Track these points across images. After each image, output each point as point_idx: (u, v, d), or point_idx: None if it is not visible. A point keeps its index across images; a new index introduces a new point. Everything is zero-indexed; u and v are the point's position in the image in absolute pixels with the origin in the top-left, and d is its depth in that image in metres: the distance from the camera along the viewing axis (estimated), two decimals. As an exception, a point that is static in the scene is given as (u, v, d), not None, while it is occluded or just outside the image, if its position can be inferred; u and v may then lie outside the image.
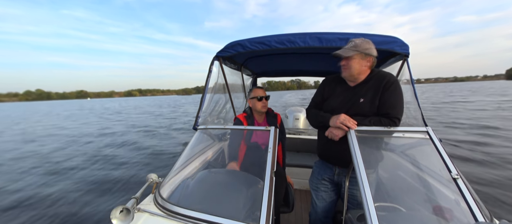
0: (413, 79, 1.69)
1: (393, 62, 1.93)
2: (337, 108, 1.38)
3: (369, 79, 1.36)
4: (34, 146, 9.12)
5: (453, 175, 1.01)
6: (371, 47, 1.33)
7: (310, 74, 3.38)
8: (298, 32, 1.68)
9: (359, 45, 1.32)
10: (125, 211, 1.07)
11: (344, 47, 1.37)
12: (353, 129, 1.23)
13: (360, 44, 1.32)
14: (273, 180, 1.07)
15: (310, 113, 1.54)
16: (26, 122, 20.19)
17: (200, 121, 1.93)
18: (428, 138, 1.18)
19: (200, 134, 1.78)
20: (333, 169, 1.50)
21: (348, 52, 1.32)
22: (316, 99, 1.55)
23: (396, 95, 1.29)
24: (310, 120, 1.54)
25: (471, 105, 17.13)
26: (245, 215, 1.05)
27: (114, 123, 16.05)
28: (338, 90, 1.44)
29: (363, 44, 1.32)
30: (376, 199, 0.96)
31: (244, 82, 3.00)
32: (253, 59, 2.63)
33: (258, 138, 1.77)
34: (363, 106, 1.32)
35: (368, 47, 1.32)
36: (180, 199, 1.25)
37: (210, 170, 1.61)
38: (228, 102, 2.51)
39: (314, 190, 1.62)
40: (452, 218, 0.98)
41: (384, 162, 1.29)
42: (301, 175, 2.96)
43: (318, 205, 1.60)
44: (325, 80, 1.56)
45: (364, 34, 1.54)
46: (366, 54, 1.31)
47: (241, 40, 1.83)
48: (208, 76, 1.99)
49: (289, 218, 2.47)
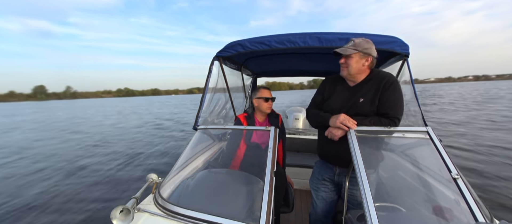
0: (413, 79, 1.70)
1: (393, 62, 1.93)
2: (337, 108, 1.38)
3: (368, 79, 1.36)
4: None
5: (453, 175, 1.01)
6: (371, 47, 1.33)
7: (310, 74, 3.37)
8: (298, 32, 1.69)
9: (359, 44, 1.32)
10: (125, 211, 1.07)
11: (344, 46, 1.37)
12: (353, 128, 1.23)
13: (360, 43, 1.32)
14: (273, 180, 1.07)
15: (310, 113, 1.54)
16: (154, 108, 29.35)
17: (200, 121, 1.93)
18: (428, 137, 1.18)
19: (200, 134, 1.77)
20: (333, 169, 1.50)
21: (347, 51, 1.33)
22: (316, 99, 1.55)
23: (395, 95, 1.29)
24: (310, 120, 1.54)
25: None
26: (245, 215, 1.05)
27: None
28: (338, 90, 1.44)
29: (362, 44, 1.32)
30: (376, 199, 0.96)
31: (244, 82, 3.00)
32: (253, 59, 2.63)
33: (258, 138, 1.77)
34: (363, 106, 1.32)
35: (368, 47, 1.32)
36: (180, 199, 1.25)
37: (210, 170, 1.61)
38: (228, 102, 2.51)
39: (314, 190, 1.62)
40: (452, 218, 0.98)
41: (384, 162, 1.29)
42: (301, 175, 2.96)
43: (318, 205, 1.60)
44: (325, 80, 1.56)
45: (364, 34, 1.54)
46: (365, 54, 1.31)
47: (241, 40, 1.83)
48: (208, 76, 1.99)
49: (289, 218, 2.47)
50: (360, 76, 1.37)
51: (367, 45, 1.32)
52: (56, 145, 9.31)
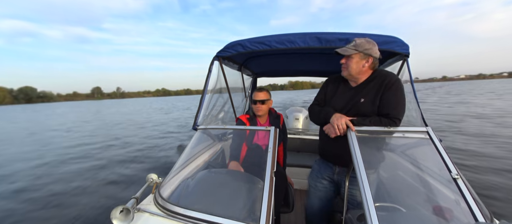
0: (413, 79, 1.70)
1: (393, 62, 1.93)
2: (338, 108, 1.39)
3: (371, 80, 1.35)
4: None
5: (453, 175, 1.01)
6: (373, 48, 1.32)
7: (310, 74, 3.37)
8: (298, 32, 1.69)
9: (360, 45, 1.31)
10: (125, 211, 1.07)
11: (345, 46, 1.37)
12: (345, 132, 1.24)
13: (361, 44, 1.31)
14: (273, 180, 1.07)
15: (312, 110, 1.54)
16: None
17: (199, 121, 1.93)
18: (428, 138, 1.17)
19: (200, 134, 1.77)
20: (333, 168, 1.50)
21: (347, 51, 1.32)
22: (318, 98, 1.56)
23: (397, 96, 1.28)
24: (312, 117, 1.55)
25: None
26: (245, 215, 1.05)
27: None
28: (340, 90, 1.44)
29: (363, 44, 1.31)
30: (376, 199, 0.96)
31: (244, 82, 3.00)
32: (253, 59, 2.62)
33: (258, 138, 1.77)
34: (364, 107, 1.32)
35: (369, 48, 1.31)
36: (180, 199, 1.25)
37: (210, 170, 1.61)
38: (228, 103, 2.51)
39: (312, 187, 1.63)
40: (452, 218, 0.98)
41: (384, 162, 1.29)
42: (301, 175, 2.95)
43: (315, 203, 1.62)
44: (328, 80, 1.57)
45: (364, 34, 1.54)
46: (366, 55, 1.31)
47: (241, 40, 1.83)
48: (208, 76, 1.99)
49: (289, 218, 2.46)
50: (362, 77, 1.37)
51: (368, 46, 1.31)
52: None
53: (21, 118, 28.05)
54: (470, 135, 7.58)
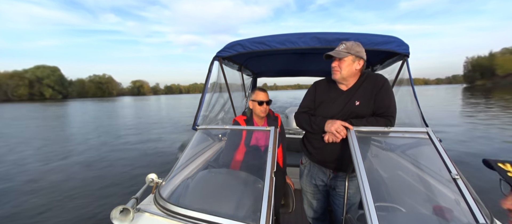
0: (412, 79, 1.70)
1: (393, 62, 1.93)
2: (333, 113, 1.36)
3: (361, 82, 1.36)
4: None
5: (453, 175, 1.01)
6: (362, 51, 1.34)
7: (310, 74, 3.37)
8: (298, 32, 1.69)
9: (351, 47, 1.32)
10: (125, 211, 1.07)
11: (337, 49, 1.36)
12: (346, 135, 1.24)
13: (352, 46, 1.32)
14: (273, 180, 1.07)
15: (301, 118, 1.48)
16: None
17: (199, 121, 1.92)
18: (428, 138, 1.18)
19: (199, 134, 1.77)
20: (326, 172, 1.49)
21: (340, 53, 1.32)
22: (306, 104, 1.49)
23: (388, 95, 1.31)
24: (301, 124, 1.48)
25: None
26: (245, 215, 1.05)
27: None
28: (332, 95, 1.41)
29: (354, 47, 1.32)
30: (376, 199, 0.96)
31: (244, 82, 3.00)
32: (253, 59, 2.62)
33: (258, 138, 1.77)
34: (359, 109, 1.32)
35: (359, 51, 1.32)
36: (180, 199, 1.25)
37: (210, 170, 1.61)
38: (228, 103, 2.51)
39: (306, 191, 1.67)
40: (452, 218, 0.98)
41: (384, 162, 1.29)
42: None
43: (313, 203, 1.64)
44: (316, 84, 1.52)
45: (364, 34, 1.54)
46: (357, 57, 1.32)
47: (241, 40, 1.83)
48: (208, 76, 1.99)
49: (289, 218, 2.46)
50: (352, 80, 1.37)
51: (359, 49, 1.32)
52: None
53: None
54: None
